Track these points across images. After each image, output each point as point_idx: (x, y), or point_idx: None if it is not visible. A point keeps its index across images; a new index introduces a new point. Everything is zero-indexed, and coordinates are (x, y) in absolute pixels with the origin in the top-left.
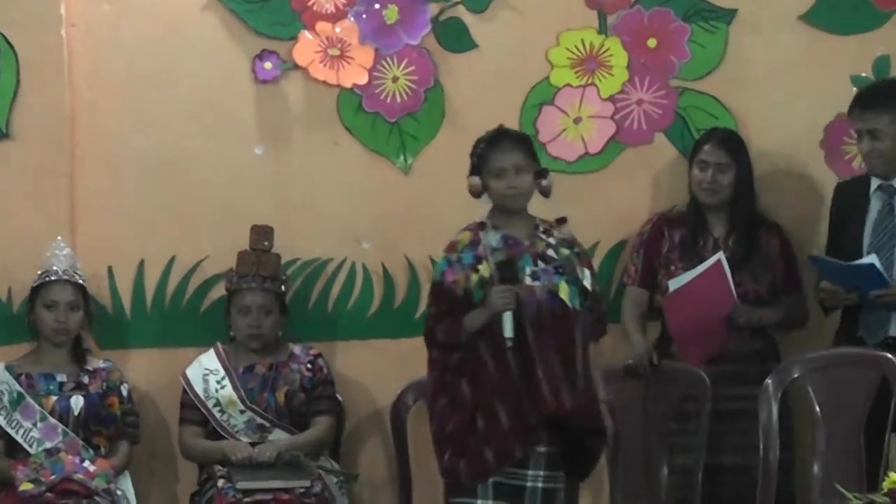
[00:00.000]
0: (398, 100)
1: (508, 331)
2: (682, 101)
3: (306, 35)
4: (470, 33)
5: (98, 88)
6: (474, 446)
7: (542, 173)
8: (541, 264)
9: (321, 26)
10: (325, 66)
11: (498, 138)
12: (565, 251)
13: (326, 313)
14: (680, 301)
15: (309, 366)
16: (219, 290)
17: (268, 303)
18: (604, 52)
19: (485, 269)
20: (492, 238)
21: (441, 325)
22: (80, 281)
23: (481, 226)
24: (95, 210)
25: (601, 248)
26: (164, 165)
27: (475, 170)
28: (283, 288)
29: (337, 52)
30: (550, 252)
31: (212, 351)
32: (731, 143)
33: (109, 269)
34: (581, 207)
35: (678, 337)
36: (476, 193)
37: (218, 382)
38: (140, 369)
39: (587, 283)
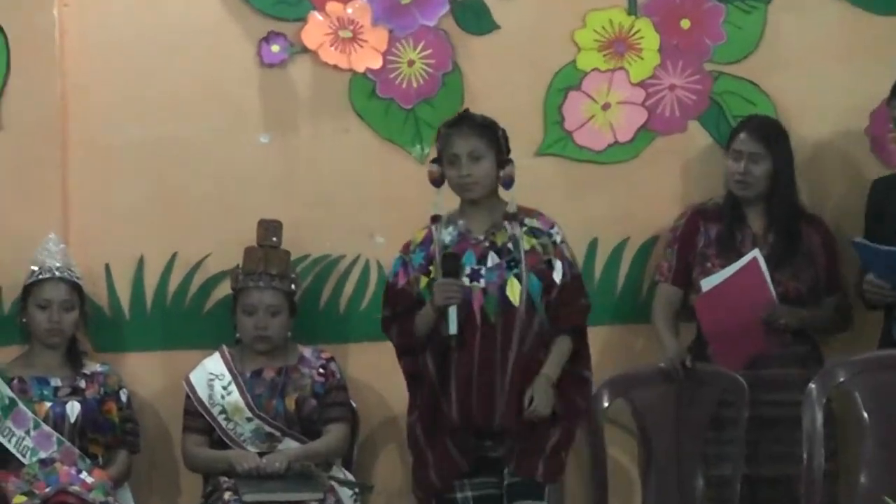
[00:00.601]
0: (414, 85)
1: (452, 327)
2: (717, 86)
3: (315, 16)
4: (491, 13)
5: (92, 73)
6: (421, 464)
7: (505, 163)
8: (493, 259)
9: (331, 6)
10: (335, 49)
11: (456, 123)
12: (533, 241)
13: (338, 313)
14: (714, 301)
15: (320, 370)
16: (223, 289)
17: (276, 302)
18: (634, 34)
19: (435, 272)
20: (445, 234)
21: (394, 327)
22: (75, 279)
23: (435, 219)
24: (90, 204)
25: (631, 244)
26: (163, 155)
27: (437, 158)
28: (292, 286)
29: (348, 34)
30: (511, 245)
31: (217, 354)
32: (767, 132)
33: (106, 267)
34: (609, 200)
35: (713, 339)
36: (435, 182)
37: (224, 388)
38: (140, 373)
39: (556, 275)
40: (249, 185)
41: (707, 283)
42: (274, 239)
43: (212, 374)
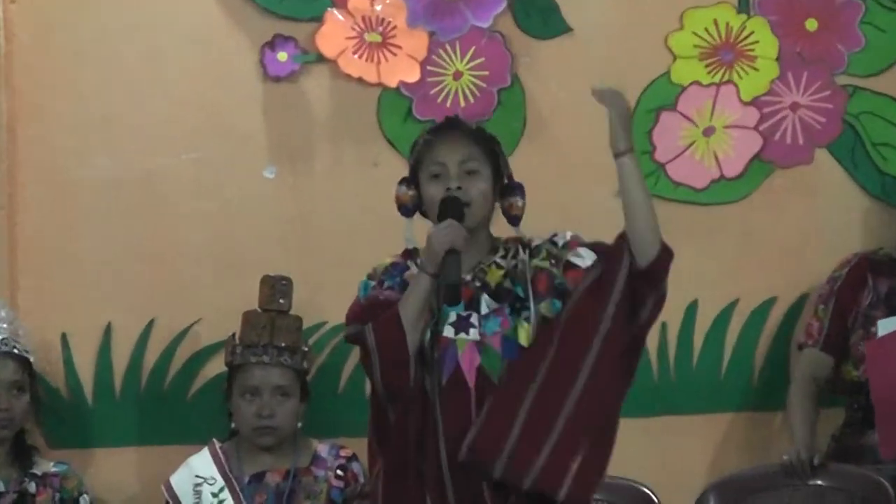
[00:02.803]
0: (461, 103)
1: (454, 275)
2: (852, 104)
3: (335, 15)
4: (560, 12)
5: (47, 89)
6: None
7: (509, 190)
8: (488, 304)
9: (355, 2)
10: (360, 57)
11: (441, 129)
12: (535, 260)
13: (363, 397)
14: (891, 353)
15: (339, 472)
16: (216, 366)
17: (284, 383)
18: (745, 38)
19: None
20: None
21: (370, 327)
22: (24, 354)
23: (409, 254)
24: (43, 257)
25: (741, 308)
26: (137, 194)
27: (410, 177)
28: (304, 364)
29: (377, 39)
30: (508, 282)
31: (206, 451)
32: None
33: (63, 338)
34: (714, 252)
35: (881, 407)
36: (404, 209)
37: (214, 496)
38: (107, 476)
39: (582, 261)
40: (250, 232)
41: (885, 326)
42: (281, 301)
43: (199, 478)
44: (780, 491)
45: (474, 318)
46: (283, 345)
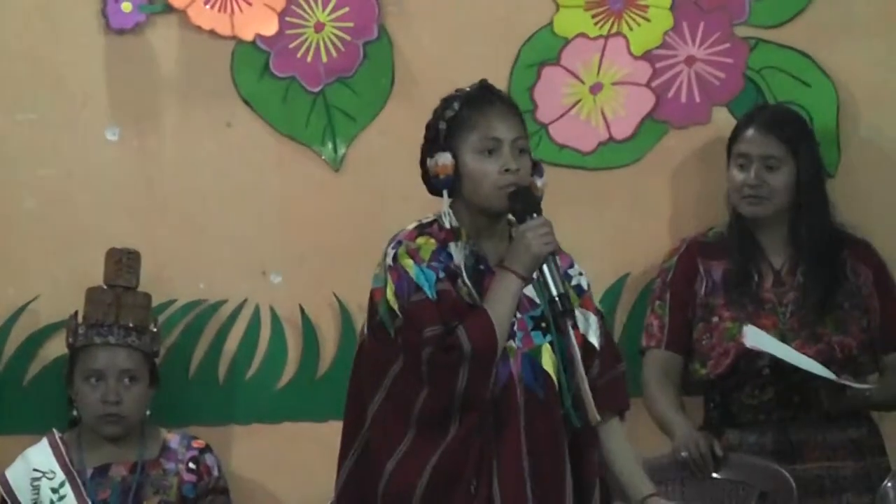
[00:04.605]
0: (324, 59)
1: (556, 286)
2: (754, 58)
3: None
4: None
5: None
6: None
7: (537, 168)
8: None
9: None
10: (212, 7)
11: (485, 96)
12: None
13: (217, 383)
14: None
15: (191, 465)
16: (56, 348)
17: (132, 366)
18: None
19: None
20: (465, 257)
21: (462, 333)
22: None
23: (451, 234)
24: None
25: (632, 283)
26: None
27: (439, 144)
28: (153, 346)
29: None
30: (530, 291)
31: (44, 442)
32: (785, 126)
33: None
34: (601, 221)
35: None
36: (445, 182)
37: (54, 491)
38: None
39: (593, 337)
40: (92, 200)
41: (754, 334)
42: (129, 276)
43: (37, 472)
44: (675, 485)
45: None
46: (130, 324)
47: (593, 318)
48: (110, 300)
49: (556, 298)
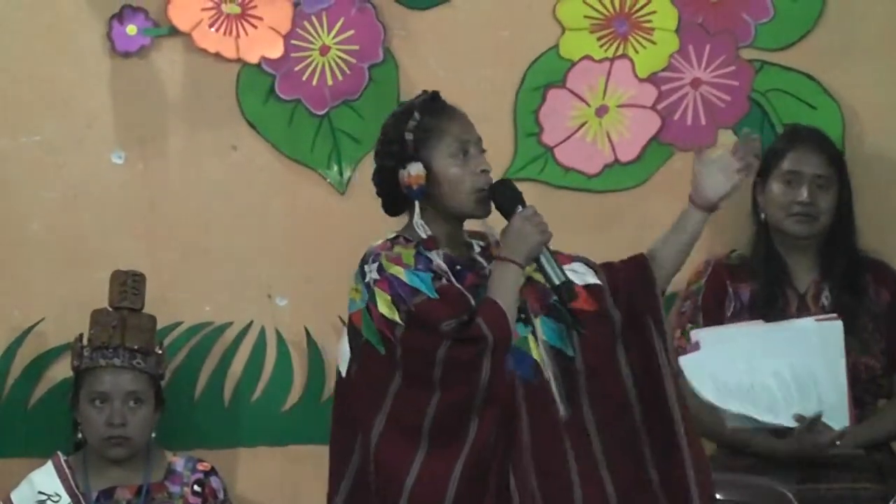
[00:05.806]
0: (329, 81)
1: (556, 274)
2: (760, 81)
3: None
4: None
5: None
6: None
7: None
8: None
9: None
10: (217, 30)
11: (439, 103)
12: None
13: (222, 406)
14: None
15: (196, 488)
16: (61, 370)
17: (137, 389)
18: (641, 8)
19: None
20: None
21: (482, 324)
22: None
23: (428, 242)
24: None
25: None
26: None
27: (408, 155)
28: (158, 368)
29: (236, 10)
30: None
31: (49, 465)
32: (831, 147)
33: None
34: (608, 244)
35: None
36: (417, 191)
37: None
38: None
39: (590, 278)
40: (98, 223)
41: (706, 335)
42: (134, 298)
43: (43, 494)
44: None
45: None
46: (135, 347)
47: (577, 264)
48: (115, 322)
49: (560, 286)
